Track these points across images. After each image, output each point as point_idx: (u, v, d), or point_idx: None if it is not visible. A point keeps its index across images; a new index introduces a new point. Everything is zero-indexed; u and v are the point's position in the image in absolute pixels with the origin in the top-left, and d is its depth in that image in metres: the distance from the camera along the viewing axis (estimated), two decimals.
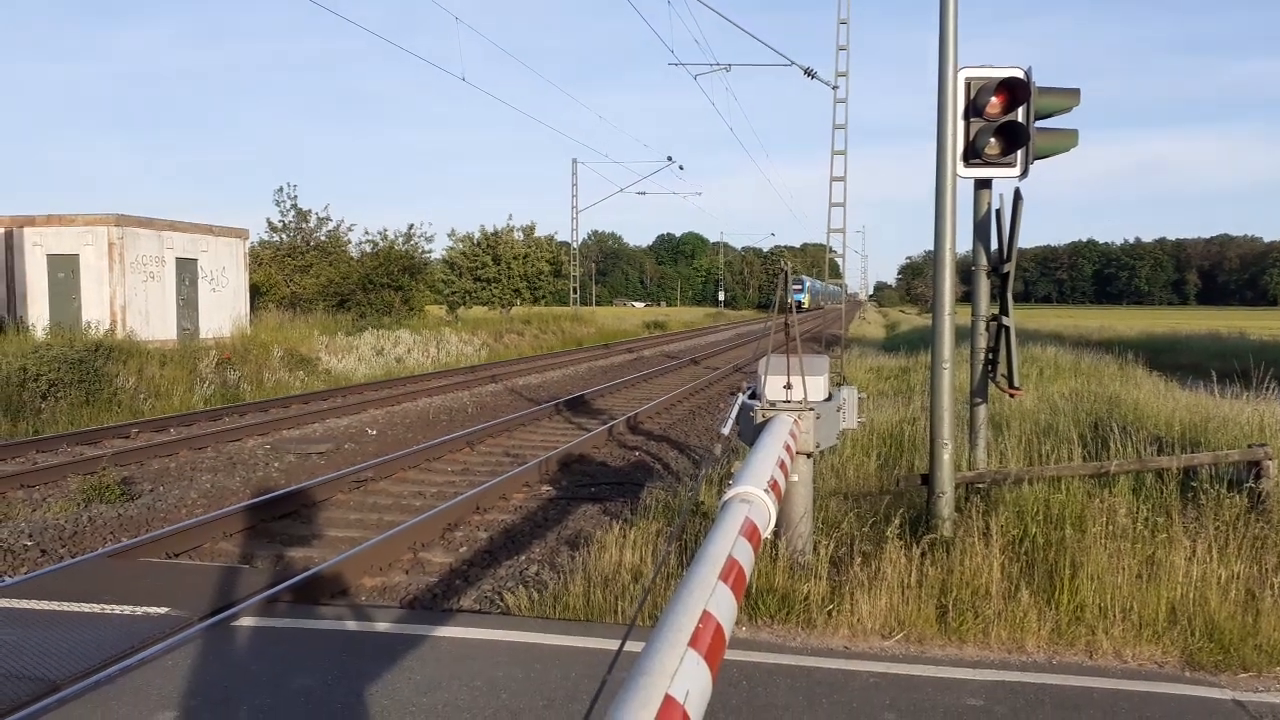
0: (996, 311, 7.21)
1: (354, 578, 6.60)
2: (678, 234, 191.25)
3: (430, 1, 21.64)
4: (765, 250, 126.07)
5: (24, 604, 5.74)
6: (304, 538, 7.85)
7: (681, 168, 58.96)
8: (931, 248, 6.49)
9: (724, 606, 2.22)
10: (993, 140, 6.77)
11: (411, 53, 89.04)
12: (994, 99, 6.74)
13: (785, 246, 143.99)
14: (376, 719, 4.28)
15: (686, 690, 1.73)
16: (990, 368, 7.31)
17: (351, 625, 5.52)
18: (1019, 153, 6.85)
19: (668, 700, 1.66)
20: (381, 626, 5.48)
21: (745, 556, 2.63)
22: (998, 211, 7.17)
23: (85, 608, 5.68)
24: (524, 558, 7.23)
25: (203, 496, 9.16)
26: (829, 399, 5.95)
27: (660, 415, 15.66)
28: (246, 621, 5.48)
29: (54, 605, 5.71)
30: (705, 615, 2.08)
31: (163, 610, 5.62)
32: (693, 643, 1.92)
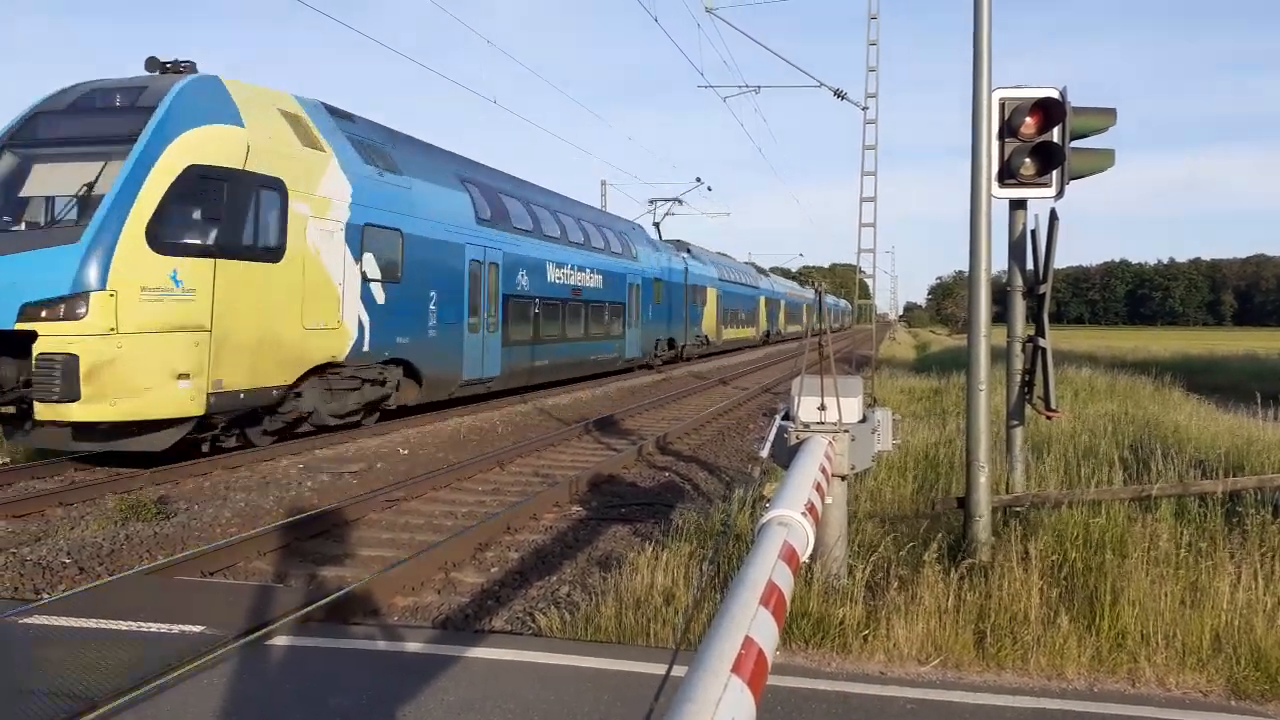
0: (1032, 333, 7.14)
1: (386, 597, 6.61)
2: None
3: (464, 26, 21.68)
4: (794, 270, 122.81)
5: (63, 621, 5.79)
6: (337, 557, 7.88)
7: (710, 188, 58.78)
8: (962, 268, 6.46)
9: (765, 632, 2.20)
10: (1028, 161, 6.73)
11: (444, 76, 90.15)
12: (1029, 119, 6.71)
13: (814, 266, 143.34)
14: None
15: (731, 718, 1.71)
16: (1026, 389, 7.23)
17: (384, 645, 5.53)
18: (1054, 173, 6.80)
19: None
20: (414, 646, 5.48)
21: (785, 581, 2.61)
22: (1033, 232, 7.11)
23: (123, 625, 5.73)
24: (555, 578, 7.22)
25: (237, 515, 9.23)
26: (863, 421, 5.90)
27: (689, 436, 15.61)
28: (281, 640, 5.51)
29: (92, 623, 5.76)
30: (747, 641, 2.07)
31: (199, 629, 5.66)
32: (736, 669, 1.91)
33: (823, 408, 5.67)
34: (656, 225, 40.16)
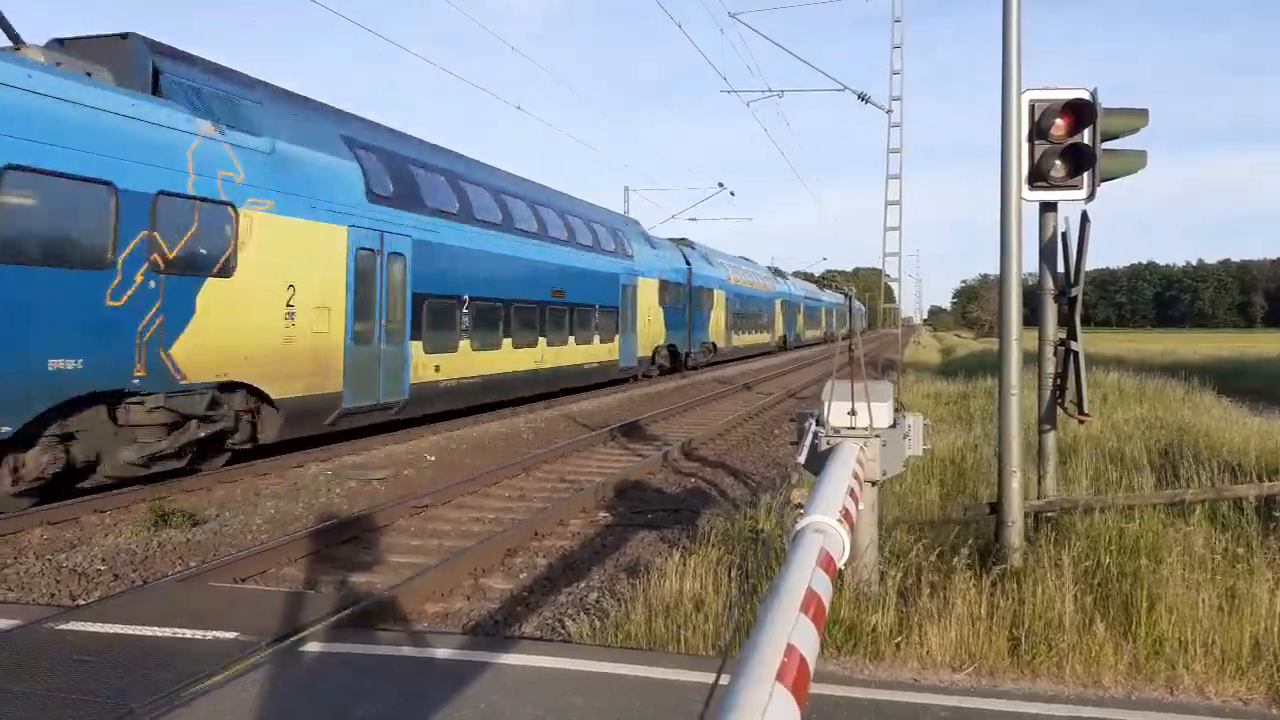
0: (1064, 336, 7.07)
1: (416, 603, 6.64)
2: None
3: (487, 33, 21.91)
4: (817, 275, 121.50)
5: (98, 627, 5.86)
6: (367, 563, 7.92)
7: (733, 194, 58.09)
8: (988, 271, 6.44)
9: (807, 640, 2.19)
10: (1058, 163, 6.67)
11: (468, 81, 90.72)
12: (1059, 121, 6.65)
13: (837, 271, 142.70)
14: None
15: None
16: (1058, 393, 7.17)
17: (415, 651, 5.55)
18: (1085, 175, 6.74)
19: None
20: (445, 653, 5.49)
21: (823, 588, 2.60)
22: (1064, 234, 7.05)
23: (157, 631, 5.79)
24: (584, 585, 7.21)
25: (267, 522, 9.30)
26: (894, 426, 5.87)
27: (714, 441, 15.58)
28: (313, 647, 5.54)
29: (127, 629, 5.82)
30: (789, 649, 2.06)
31: (232, 635, 5.70)
32: (779, 677, 1.90)
33: (853, 413, 5.65)
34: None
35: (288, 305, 12.40)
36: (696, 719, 1.81)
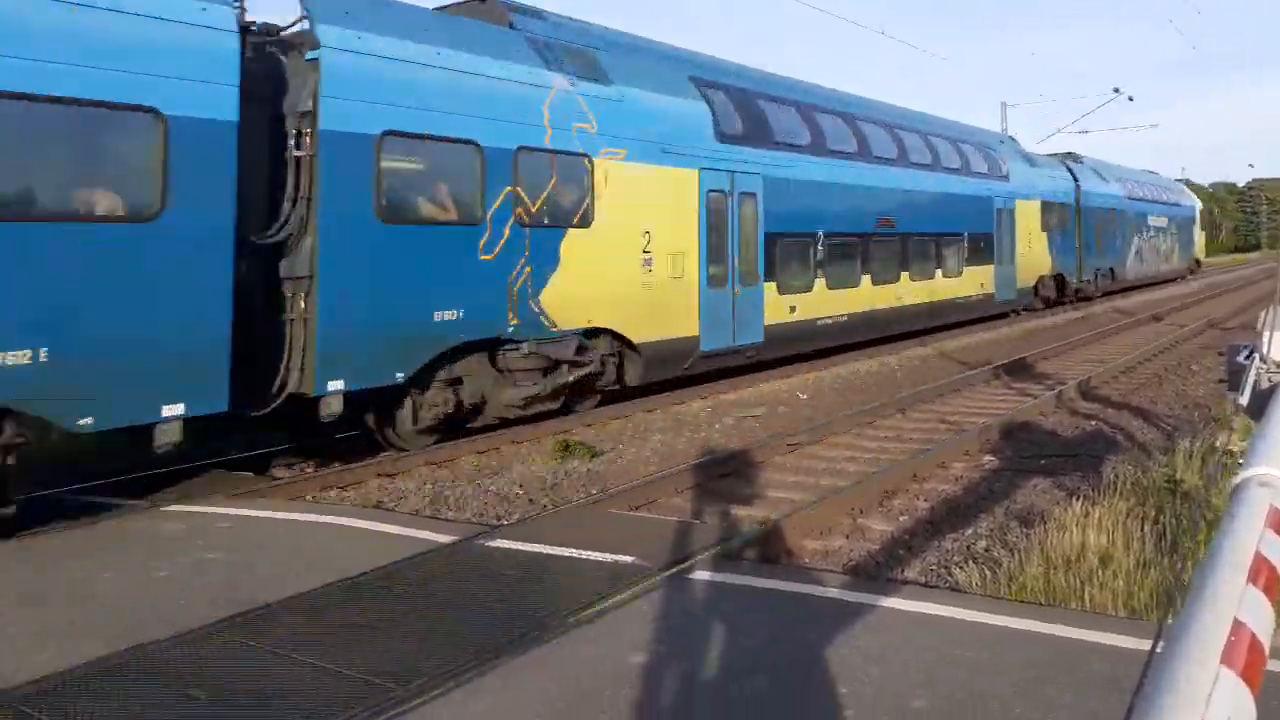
0: None
1: (795, 539, 6.74)
2: None
3: None
4: (1240, 185, 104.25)
5: (518, 545, 6.60)
6: (746, 497, 8.18)
7: (1131, 99, 51.28)
8: None
9: (1258, 615, 1.85)
10: None
11: (827, 11, 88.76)
12: None
13: (1268, 179, 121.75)
14: (826, 683, 4.31)
15: (1228, 718, 1.45)
16: None
17: (797, 587, 5.62)
18: None
19: None
20: (825, 591, 5.51)
21: (1276, 554, 2.20)
22: None
23: (566, 551, 6.40)
24: (970, 531, 6.89)
25: (654, 454, 9.92)
26: None
27: (1117, 379, 14.10)
28: (700, 575, 5.81)
29: (541, 548, 6.50)
30: (1236, 625, 1.75)
31: (629, 559, 6.15)
32: (1225, 659, 1.62)
33: None
34: None
35: (644, 252, 12.40)
36: (1123, 690, 1.60)
